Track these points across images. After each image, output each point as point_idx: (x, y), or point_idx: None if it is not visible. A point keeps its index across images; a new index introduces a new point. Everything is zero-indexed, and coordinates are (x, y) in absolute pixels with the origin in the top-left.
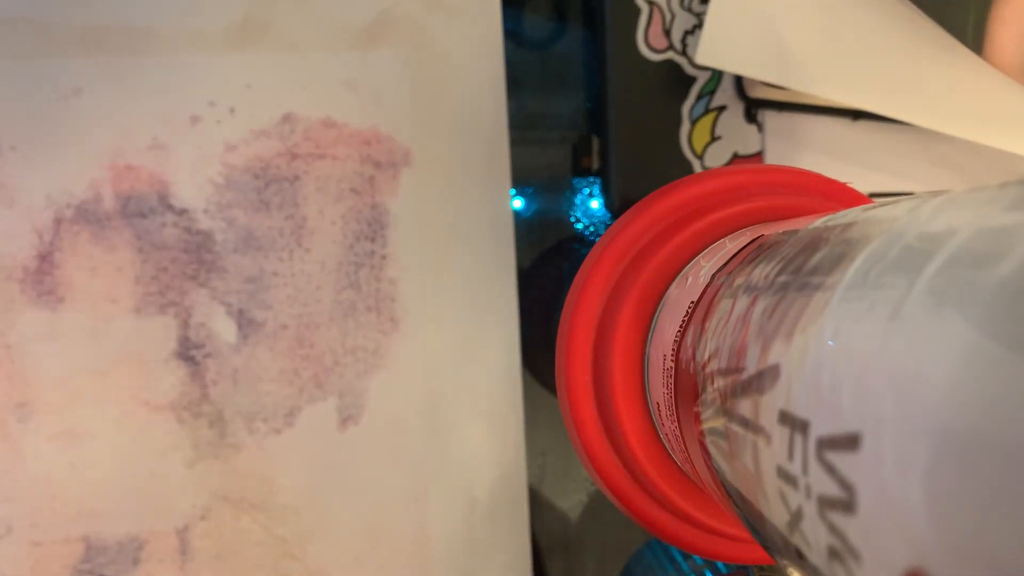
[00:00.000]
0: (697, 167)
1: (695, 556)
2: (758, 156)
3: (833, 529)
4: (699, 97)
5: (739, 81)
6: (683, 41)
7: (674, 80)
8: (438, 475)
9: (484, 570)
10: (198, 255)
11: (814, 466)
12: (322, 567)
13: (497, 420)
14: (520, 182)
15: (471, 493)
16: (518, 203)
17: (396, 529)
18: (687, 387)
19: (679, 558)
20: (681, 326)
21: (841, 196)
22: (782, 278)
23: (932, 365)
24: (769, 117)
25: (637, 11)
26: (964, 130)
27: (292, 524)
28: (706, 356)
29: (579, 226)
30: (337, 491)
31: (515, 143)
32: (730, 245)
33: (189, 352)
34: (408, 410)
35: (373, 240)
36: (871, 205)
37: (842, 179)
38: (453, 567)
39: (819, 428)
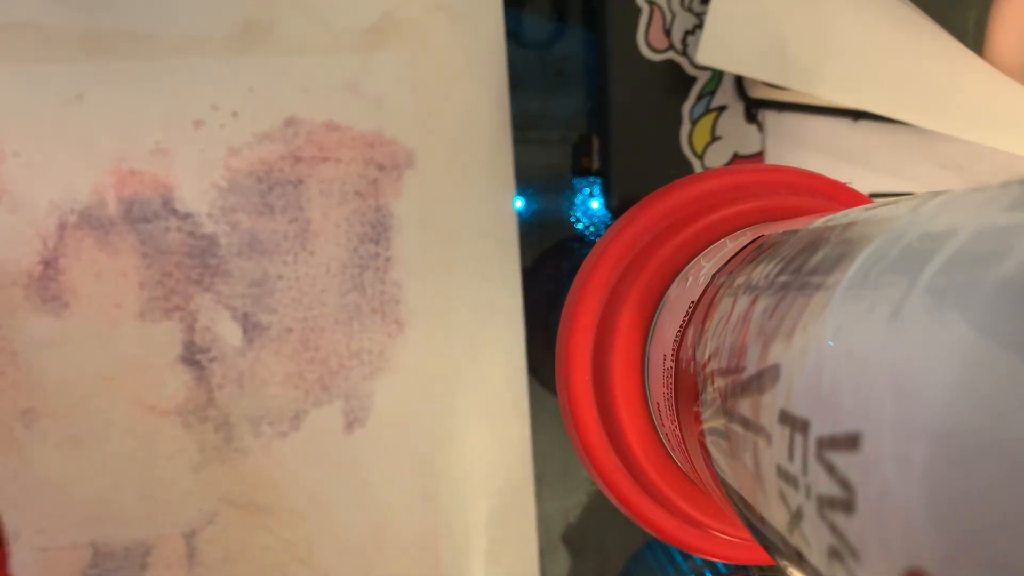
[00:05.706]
0: (697, 167)
1: (695, 556)
2: (758, 156)
3: (833, 529)
4: (699, 97)
5: (739, 81)
6: (683, 41)
7: (674, 80)
8: (444, 477)
9: (491, 572)
10: (202, 259)
11: (814, 466)
12: (329, 570)
13: (503, 421)
14: (520, 182)
15: (477, 494)
16: (518, 203)
17: (403, 531)
18: (687, 387)
19: (679, 558)
20: (681, 326)
21: (841, 196)
22: (782, 278)
23: (932, 365)
24: (769, 117)
25: (637, 11)
26: (964, 130)
27: (299, 527)
28: (706, 356)
29: (579, 226)
30: (343, 494)
31: (515, 143)
32: (730, 245)
33: (194, 356)
34: (414, 412)
35: (377, 243)
36: (871, 205)
37: (842, 179)
38: (460, 569)
39: (819, 428)
